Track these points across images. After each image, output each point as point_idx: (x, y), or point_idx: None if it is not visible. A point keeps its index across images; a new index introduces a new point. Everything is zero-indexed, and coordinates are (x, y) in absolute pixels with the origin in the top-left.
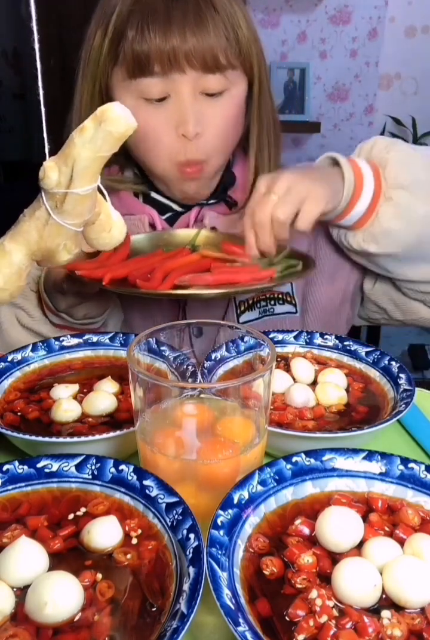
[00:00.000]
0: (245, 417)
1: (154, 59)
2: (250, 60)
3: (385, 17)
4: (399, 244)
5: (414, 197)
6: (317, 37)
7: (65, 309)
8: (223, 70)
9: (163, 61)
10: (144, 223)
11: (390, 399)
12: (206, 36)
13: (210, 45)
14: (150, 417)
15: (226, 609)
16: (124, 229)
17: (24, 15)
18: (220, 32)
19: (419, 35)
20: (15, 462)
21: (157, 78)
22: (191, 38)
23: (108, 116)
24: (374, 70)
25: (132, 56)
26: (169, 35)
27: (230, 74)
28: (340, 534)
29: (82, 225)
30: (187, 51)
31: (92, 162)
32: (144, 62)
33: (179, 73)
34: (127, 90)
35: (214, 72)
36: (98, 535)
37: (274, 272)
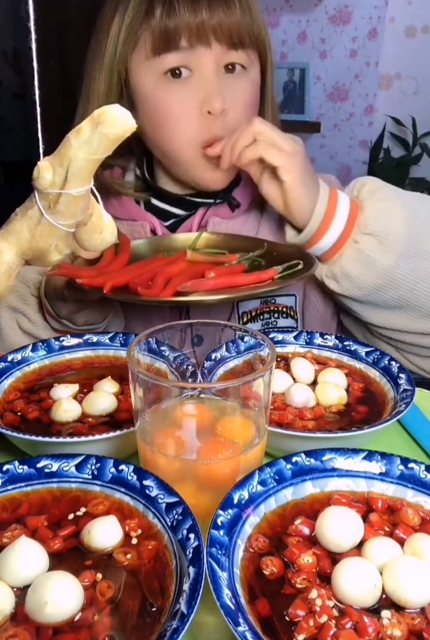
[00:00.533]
0: (245, 417)
1: (181, 33)
2: (265, 44)
3: (385, 17)
4: (358, 289)
5: (381, 247)
6: (317, 37)
7: (66, 316)
8: (246, 48)
9: (191, 35)
10: (145, 230)
11: (390, 399)
12: (234, 11)
13: (237, 20)
14: (150, 417)
15: (226, 609)
16: (115, 230)
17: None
18: (244, 10)
19: (419, 35)
20: (15, 462)
21: (182, 53)
22: (219, 12)
23: (105, 118)
24: (374, 70)
25: (160, 31)
26: (198, 9)
27: (250, 53)
28: (340, 534)
29: (74, 226)
30: (214, 25)
31: (87, 164)
32: (172, 36)
33: (205, 47)
34: (149, 69)
35: (237, 49)
36: (98, 535)
37: (275, 273)
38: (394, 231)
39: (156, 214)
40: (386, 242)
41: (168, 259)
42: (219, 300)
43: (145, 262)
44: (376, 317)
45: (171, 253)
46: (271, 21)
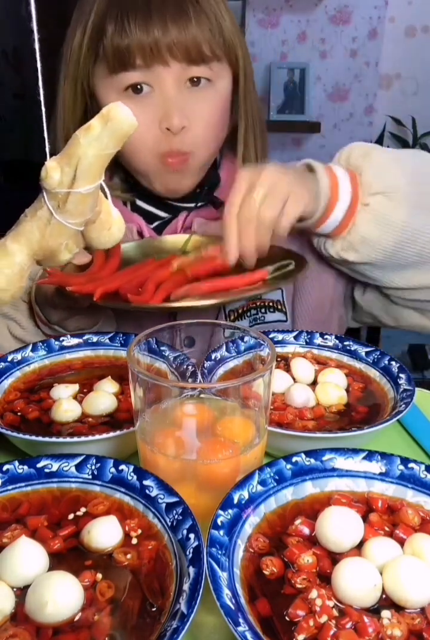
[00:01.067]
0: (245, 417)
1: (135, 52)
2: (235, 52)
3: (385, 17)
4: (378, 252)
5: (392, 203)
6: (317, 37)
7: (57, 322)
8: (208, 62)
9: (145, 54)
10: (132, 232)
11: (390, 399)
12: (189, 26)
13: (193, 36)
14: (150, 417)
15: (226, 609)
16: (123, 226)
17: (24, 15)
18: (202, 23)
19: (419, 35)
20: (15, 462)
21: (139, 71)
22: (173, 29)
23: (114, 115)
24: (374, 70)
25: (113, 51)
26: (150, 27)
27: (215, 66)
28: (340, 534)
29: (84, 224)
30: (169, 43)
31: (97, 160)
32: (125, 55)
33: (162, 65)
34: (109, 86)
35: (198, 64)
36: (98, 535)
37: (266, 274)
38: (400, 184)
39: (142, 215)
40: (395, 197)
41: (158, 262)
42: (209, 305)
43: (136, 267)
44: (399, 278)
45: (162, 255)
46: (271, 21)
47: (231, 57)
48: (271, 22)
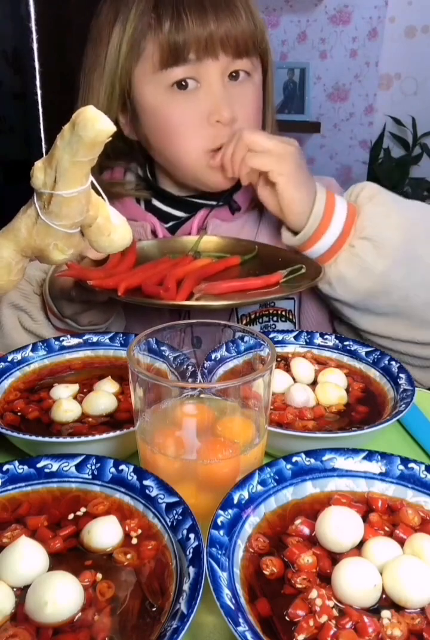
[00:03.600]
0: (245, 417)
1: (190, 46)
2: (266, 48)
3: (385, 17)
4: (351, 293)
5: (376, 252)
6: (317, 37)
7: (71, 316)
8: (251, 56)
9: (199, 48)
10: (146, 230)
11: (390, 399)
12: (239, 20)
13: (242, 29)
14: (150, 417)
15: (226, 609)
16: (127, 235)
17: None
18: (248, 17)
19: (419, 35)
20: (15, 462)
21: (189, 65)
22: (226, 22)
23: (78, 120)
24: (374, 70)
25: (169, 45)
26: (206, 21)
27: (254, 60)
28: (340, 534)
29: (74, 227)
30: (222, 36)
31: (72, 166)
32: (181, 50)
33: (212, 59)
34: (154, 81)
35: (242, 57)
36: (98, 535)
37: (281, 277)
38: (389, 237)
39: (156, 214)
40: (381, 247)
41: (174, 261)
42: (225, 306)
43: (153, 264)
44: (369, 323)
45: (176, 255)
46: (271, 21)
47: (263, 52)
48: (271, 22)
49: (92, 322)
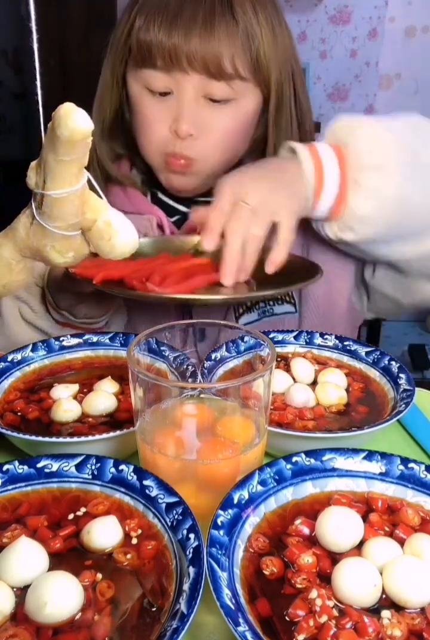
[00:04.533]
0: (245, 417)
1: (156, 53)
2: (267, 76)
3: (385, 17)
4: (376, 228)
5: (382, 177)
6: (317, 37)
7: (66, 308)
8: (228, 79)
9: (165, 57)
10: (152, 223)
11: (390, 399)
12: (212, 41)
13: (214, 51)
14: (150, 417)
15: (226, 609)
16: (129, 240)
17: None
18: (230, 40)
19: (419, 35)
20: (15, 462)
21: (160, 72)
22: (195, 40)
23: (55, 119)
24: (374, 70)
25: (137, 45)
26: (173, 32)
27: (237, 85)
28: (340, 534)
29: (70, 229)
30: (188, 52)
31: (57, 166)
32: (146, 53)
33: (181, 72)
34: (134, 78)
35: (217, 79)
36: (98, 535)
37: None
38: (386, 154)
39: (162, 208)
40: (384, 168)
41: (171, 258)
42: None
43: (147, 260)
44: (407, 249)
45: (177, 254)
46: None
47: (261, 79)
48: None
49: (87, 315)
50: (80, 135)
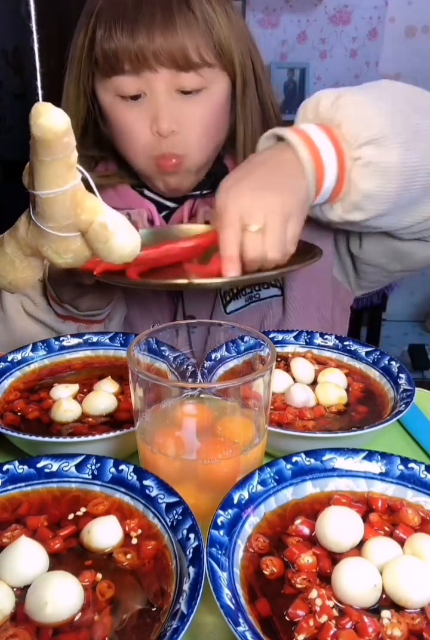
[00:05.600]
0: (245, 417)
1: (122, 58)
2: (230, 57)
3: (385, 17)
4: (384, 202)
5: (382, 147)
6: (317, 37)
7: (68, 301)
8: (197, 69)
9: (132, 60)
10: (142, 217)
11: (390, 399)
12: (174, 35)
13: (179, 44)
14: (150, 417)
15: (226, 609)
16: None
17: (24, 14)
18: (192, 31)
19: (419, 35)
20: (15, 462)
21: (130, 76)
22: (158, 37)
23: (30, 118)
24: (374, 70)
25: (103, 55)
26: (136, 34)
27: (206, 72)
28: (340, 534)
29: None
30: (155, 50)
31: (40, 167)
32: (114, 60)
33: (151, 71)
34: (104, 89)
35: (187, 70)
36: (98, 535)
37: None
38: (380, 124)
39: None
40: (382, 140)
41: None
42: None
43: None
44: (406, 218)
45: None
46: (271, 21)
47: (225, 61)
48: (271, 22)
49: (91, 307)
50: (52, 135)
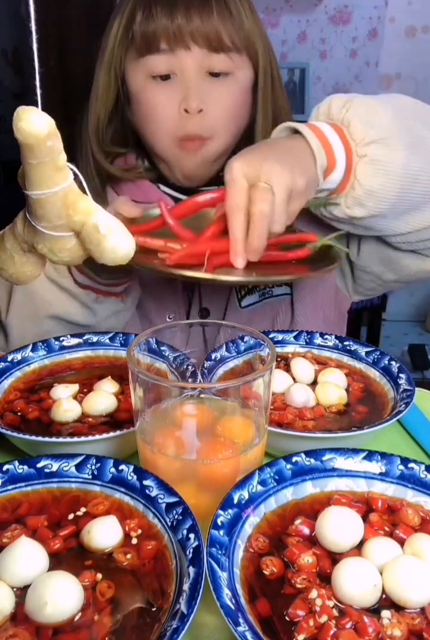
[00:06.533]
0: (245, 417)
1: (160, 37)
2: (255, 48)
3: (385, 17)
4: (384, 201)
5: (388, 148)
6: (317, 37)
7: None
8: (227, 51)
9: (169, 38)
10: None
11: (390, 399)
12: (210, 17)
13: (214, 26)
14: (150, 417)
15: (226, 609)
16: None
17: (24, 14)
18: (224, 15)
19: (419, 35)
20: (15, 462)
21: (163, 55)
22: (195, 18)
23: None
24: (374, 70)
25: (141, 35)
26: (175, 15)
27: (235, 57)
28: (340, 534)
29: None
30: (192, 30)
31: (29, 169)
32: (151, 39)
33: (185, 49)
34: (136, 69)
35: (218, 52)
36: (98, 535)
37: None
38: (391, 128)
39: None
40: (391, 141)
41: None
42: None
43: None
44: (404, 224)
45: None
46: (271, 21)
47: (251, 51)
48: (271, 22)
49: (110, 276)
50: (33, 139)
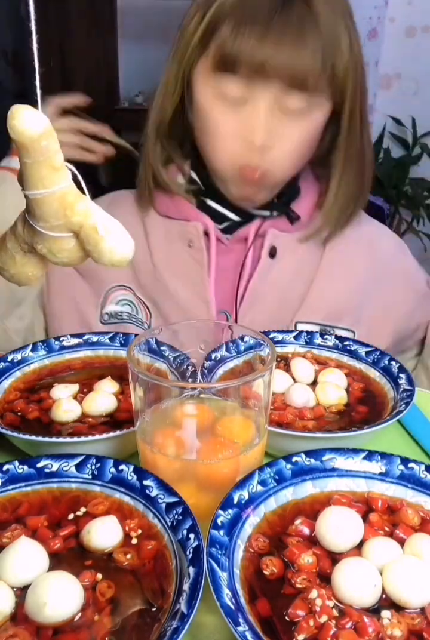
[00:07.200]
0: (245, 417)
1: (242, 62)
2: (344, 89)
3: (385, 17)
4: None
5: None
6: None
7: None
8: (308, 92)
9: (251, 67)
10: (198, 230)
11: (390, 399)
12: (302, 53)
13: (303, 63)
14: (150, 417)
15: (226, 609)
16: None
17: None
18: (317, 54)
19: (419, 35)
20: (15, 462)
21: (241, 80)
22: (285, 50)
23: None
24: (374, 70)
25: (222, 51)
26: (264, 43)
27: (314, 97)
28: (340, 534)
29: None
30: (277, 63)
31: (25, 168)
32: (233, 61)
33: (263, 82)
34: (207, 83)
35: (300, 90)
36: (98, 535)
37: None
38: None
39: (210, 214)
40: None
41: None
42: None
43: None
44: None
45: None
46: None
47: (337, 92)
48: None
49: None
50: (26, 138)
